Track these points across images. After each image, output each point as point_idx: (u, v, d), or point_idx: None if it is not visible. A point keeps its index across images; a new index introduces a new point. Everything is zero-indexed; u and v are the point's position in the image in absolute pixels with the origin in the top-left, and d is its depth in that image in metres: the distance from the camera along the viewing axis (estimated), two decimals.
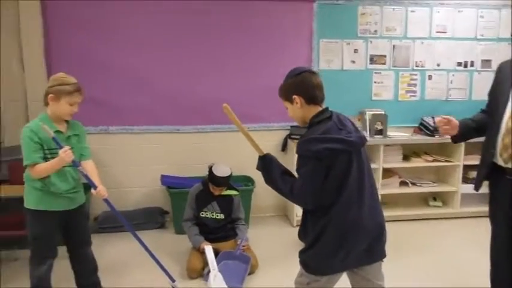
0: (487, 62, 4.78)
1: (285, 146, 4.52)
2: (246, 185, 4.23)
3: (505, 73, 2.25)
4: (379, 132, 4.37)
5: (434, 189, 4.60)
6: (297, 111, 1.91)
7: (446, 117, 2.34)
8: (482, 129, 2.36)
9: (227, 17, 4.28)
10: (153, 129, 4.33)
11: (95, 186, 2.46)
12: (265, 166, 1.95)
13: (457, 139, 2.45)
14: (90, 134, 3.17)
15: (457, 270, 3.32)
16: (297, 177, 1.85)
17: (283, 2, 4.34)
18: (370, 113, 4.43)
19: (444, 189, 4.60)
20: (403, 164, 4.50)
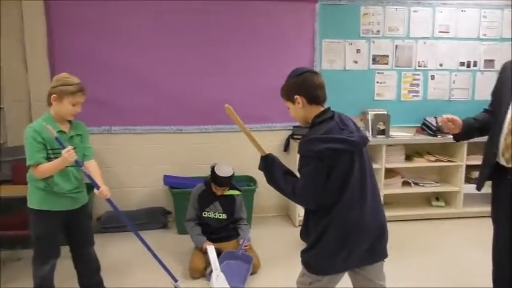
0: (489, 62, 4.77)
1: (287, 146, 4.52)
2: (248, 185, 4.23)
3: (509, 73, 2.25)
4: (382, 132, 4.36)
5: (436, 189, 4.59)
6: (299, 111, 1.91)
7: (451, 116, 2.34)
8: (485, 128, 2.36)
9: (230, 17, 4.29)
10: (156, 129, 4.34)
11: (98, 186, 2.46)
12: (267, 166, 1.96)
13: (459, 138, 2.45)
14: (93, 134, 3.17)
15: (459, 270, 3.31)
16: (299, 177, 1.85)
17: (285, 2, 4.34)
18: (372, 113, 4.43)
19: (447, 189, 4.59)
20: (406, 164, 4.49)
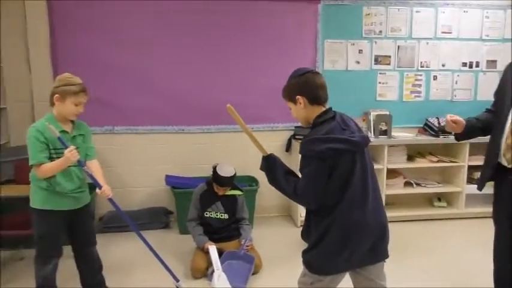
0: (492, 62, 4.73)
1: (289, 146, 4.52)
2: (250, 185, 4.24)
3: (509, 74, 2.25)
4: (384, 133, 4.36)
5: (439, 189, 4.58)
6: (301, 111, 1.91)
7: (455, 118, 2.34)
8: (488, 128, 2.36)
9: (232, 17, 4.30)
10: (158, 129, 4.34)
11: (100, 186, 2.47)
12: (268, 166, 1.96)
13: (460, 137, 2.45)
14: (95, 134, 3.18)
15: (461, 271, 3.30)
16: (300, 177, 1.85)
17: (288, 2, 4.34)
18: (374, 113, 4.42)
19: (449, 189, 4.58)
20: (408, 164, 4.49)
